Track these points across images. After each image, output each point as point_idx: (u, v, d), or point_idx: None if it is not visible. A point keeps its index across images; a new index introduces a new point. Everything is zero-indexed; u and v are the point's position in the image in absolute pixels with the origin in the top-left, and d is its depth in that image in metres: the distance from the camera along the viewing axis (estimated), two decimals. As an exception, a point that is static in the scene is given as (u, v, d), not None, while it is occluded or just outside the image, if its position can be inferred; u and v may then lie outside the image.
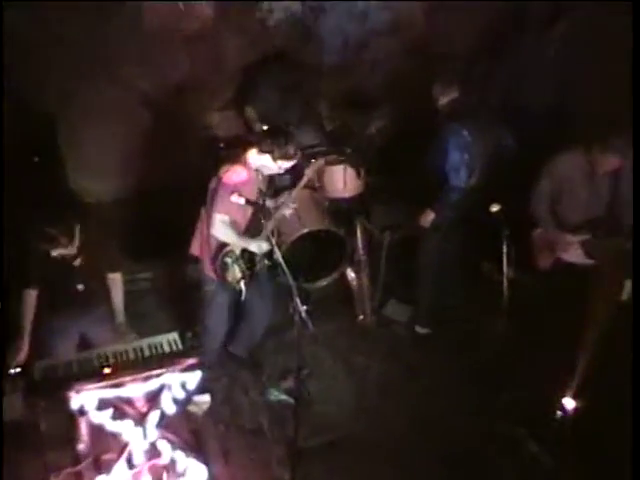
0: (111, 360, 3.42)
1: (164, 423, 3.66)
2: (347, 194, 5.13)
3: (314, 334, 4.26)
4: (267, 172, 3.98)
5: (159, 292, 5.20)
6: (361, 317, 5.04)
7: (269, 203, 4.17)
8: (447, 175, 4.39)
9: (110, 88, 5.10)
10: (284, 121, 4.80)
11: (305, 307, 3.50)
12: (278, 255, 3.66)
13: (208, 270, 4.05)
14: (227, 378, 4.53)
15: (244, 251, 4.02)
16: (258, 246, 3.95)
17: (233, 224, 3.88)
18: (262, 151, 3.84)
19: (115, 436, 3.60)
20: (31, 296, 3.73)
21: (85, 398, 3.34)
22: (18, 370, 3.53)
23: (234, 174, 3.82)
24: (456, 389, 4.38)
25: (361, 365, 4.68)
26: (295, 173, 4.42)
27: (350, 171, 5.04)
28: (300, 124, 5.22)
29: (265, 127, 4.56)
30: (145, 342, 3.52)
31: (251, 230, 3.99)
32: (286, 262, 3.59)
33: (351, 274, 5.03)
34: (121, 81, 5.11)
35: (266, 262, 4.75)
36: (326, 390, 4.47)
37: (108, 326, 3.90)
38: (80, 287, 3.75)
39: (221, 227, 3.83)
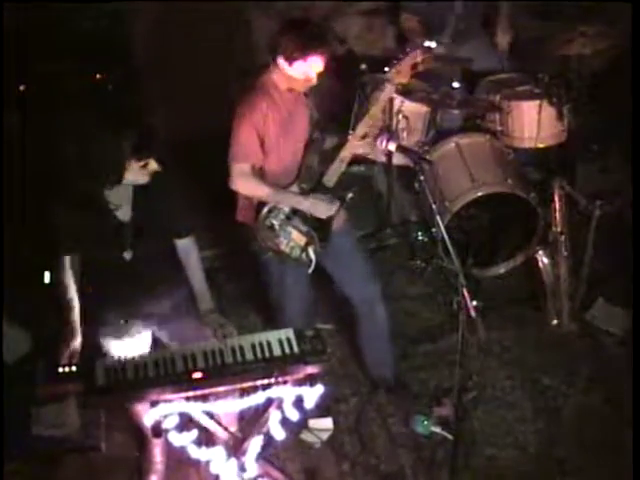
0: (200, 362, 3.31)
1: (268, 454, 3.68)
2: (542, 143, 5.03)
3: (485, 343, 4.41)
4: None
5: (231, 275, 5.24)
6: (555, 322, 4.85)
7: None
8: None
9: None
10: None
11: (475, 303, 3.45)
12: (440, 227, 3.66)
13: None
14: (358, 398, 4.47)
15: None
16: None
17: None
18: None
19: (199, 467, 3.64)
20: (69, 260, 3.53)
21: (163, 412, 3.21)
22: (73, 369, 3.24)
23: None
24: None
25: (553, 392, 4.48)
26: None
27: (548, 110, 4.92)
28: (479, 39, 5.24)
29: (431, 43, 4.45)
30: (247, 340, 3.38)
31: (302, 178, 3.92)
32: (450, 237, 3.61)
33: (544, 259, 4.85)
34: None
35: (420, 236, 5.08)
36: (499, 424, 4.32)
37: (188, 317, 3.74)
38: (127, 256, 3.53)
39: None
